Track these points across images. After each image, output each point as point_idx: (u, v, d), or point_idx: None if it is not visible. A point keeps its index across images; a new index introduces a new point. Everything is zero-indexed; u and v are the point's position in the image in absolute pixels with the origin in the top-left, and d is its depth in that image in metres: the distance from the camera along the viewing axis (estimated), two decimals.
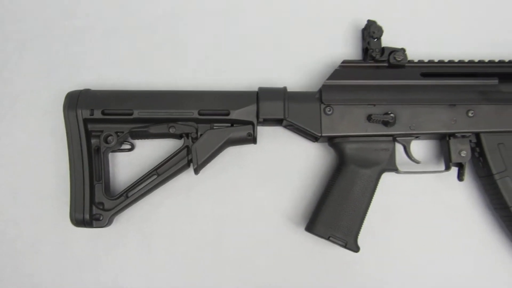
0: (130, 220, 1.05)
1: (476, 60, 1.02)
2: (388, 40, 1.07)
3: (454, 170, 1.02)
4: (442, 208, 1.06)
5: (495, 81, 1.01)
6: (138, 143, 1.06)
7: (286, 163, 1.07)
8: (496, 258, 1.04)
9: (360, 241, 1.01)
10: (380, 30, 1.02)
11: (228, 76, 1.10)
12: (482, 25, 1.13)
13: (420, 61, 1.03)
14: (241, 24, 1.12)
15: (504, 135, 1.00)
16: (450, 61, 1.02)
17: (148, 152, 1.06)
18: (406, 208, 1.06)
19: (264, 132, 1.07)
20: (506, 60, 1.03)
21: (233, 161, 1.07)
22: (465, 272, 1.04)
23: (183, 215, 1.05)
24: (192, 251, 1.04)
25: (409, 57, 1.03)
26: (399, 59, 1.01)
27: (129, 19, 1.11)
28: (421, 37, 1.12)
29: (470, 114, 0.99)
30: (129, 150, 1.05)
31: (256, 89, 1.00)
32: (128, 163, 1.06)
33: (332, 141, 1.01)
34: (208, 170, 1.05)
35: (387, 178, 1.05)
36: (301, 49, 1.11)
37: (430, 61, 1.03)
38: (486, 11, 1.13)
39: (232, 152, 1.06)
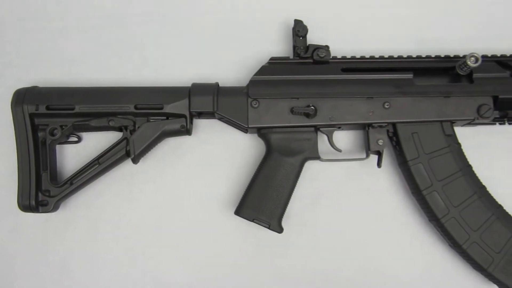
0: (77, 206, 1.14)
1: (394, 56, 1.11)
2: (318, 38, 1.17)
3: (375, 158, 1.11)
4: (366, 193, 1.15)
5: (410, 76, 1.09)
6: (85, 136, 1.16)
7: (221, 153, 1.16)
8: (414, 236, 1.13)
9: (290, 224, 1.11)
10: (304, 29, 1.10)
11: (169, 73, 1.18)
12: (401, 24, 1.21)
13: (343, 58, 1.11)
14: (181, 24, 1.20)
15: (418, 125, 1.08)
16: (370, 57, 1.10)
17: (94, 144, 1.15)
18: (333, 194, 1.15)
19: (202, 125, 1.16)
20: (422, 56, 1.11)
21: (172, 151, 1.16)
22: (387, 250, 1.13)
23: (126, 201, 1.14)
24: (134, 235, 1.13)
25: (338, 54, 1.12)
26: (322, 56, 1.10)
27: (76, 21, 1.20)
28: (348, 35, 1.20)
29: (386, 106, 1.08)
30: (76, 142, 1.14)
31: (190, 85, 1.09)
32: (76, 154, 1.15)
33: (260, 132, 1.09)
34: (150, 160, 1.15)
35: (315, 166, 1.15)
36: (238, 48, 1.19)
37: (352, 58, 1.11)
38: (405, 10, 1.21)
39: (171, 143, 1.15)
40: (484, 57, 1.09)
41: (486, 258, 1.04)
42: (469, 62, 1.03)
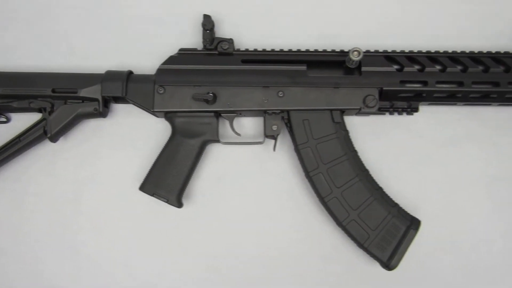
0: (5, 181, 1.26)
1: (290, 50, 1.21)
2: (231, 32, 1.28)
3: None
4: (266, 175, 1.25)
5: (303, 67, 1.19)
6: (14, 116, 1.28)
7: (137, 135, 1.27)
8: (308, 214, 1.24)
9: (196, 202, 1.23)
10: (211, 23, 1.20)
11: (94, 62, 1.29)
12: (304, 21, 1.31)
13: (246, 50, 1.21)
14: (104, 18, 1.31)
15: (309, 112, 1.18)
16: (269, 50, 1.21)
17: (22, 124, 1.26)
18: (236, 174, 1.25)
19: (120, 108, 1.28)
20: (317, 49, 1.21)
21: (92, 132, 1.27)
22: (282, 227, 1.23)
23: (49, 176, 1.26)
24: (55, 208, 1.25)
25: (249, 47, 1.24)
26: (225, 48, 1.20)
27: (11, 12, 1.32)
28: (257, 30, 1.30)
29: (280, 95, 1.18)
30: (5, 122, 1.26)
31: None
32: (5, 133, 1.27)
33: (166, 116, 1.20)
34: (72, 140, 1.27)
35: (221, 149, 1.26)
36: (156, 40, 1.29)
37: (253, 50, 1.21)
38: (311, 8, 1.32)
39: (92, 125, 1.27)
40: (374, 52, 1.20)
41: (363, 234, 1.14)
42: (351, 56, 1.13)
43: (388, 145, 1.26)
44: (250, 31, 1.31)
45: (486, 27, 1.31)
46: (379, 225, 1.14)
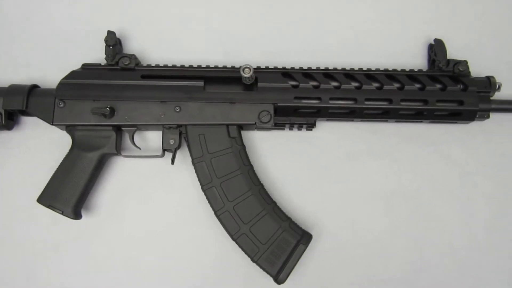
0: None
1: (190, 66, 1.23)
2: (145, 48, 1.32)
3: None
4: (169, 187, 1.27)
5: (200, 83, 1.21)
6: None
7: (43, 147, 1.29)
8: (209, 228, 1.24)
9: (100, 214, 1.25)
10: (113, 39, 1.23)
11: (5, 76, 1.32)
12: (210, 37, 1.35)
13: (147, 66, 1.24)
14: (15, 33, 1.35)
15: (205, 127, 1.20)
16: (169, 66, 1.23)
17: None
18: (141, 187, 1.27)
19: (29, 121, 1.30)
20: (217, 66, 1.23)
21: (2, 144, 1.29)
22: (183, 240, 1.25)
23: None
24: None
25: (156, 62, 1.27)
26: (126, 63, 1.23)
27: None
28: (166, 45, 1.34)
29: (176, 110, 1.20)
30: None
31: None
32: None
33: (67, 129, 1.22)
34: None
35: (126, 162, 1.28)
36: (66, 55, 1.33)
37: (156, 66, 1.24)
38: (217, 25, 1.35)
39: (2, 138, 1.29)
40: (272, 69, 1.22)
41: (253, 248, 1.15)
42: (242, 73, 1.15)
43: (290, 159, 1.28)
44: (158, 47, 1.34)
45: (389, 45, 1.33)
46: (270, 239, 1.15)
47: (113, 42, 1.24)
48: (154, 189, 1.27)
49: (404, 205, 1.26)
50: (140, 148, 1.25)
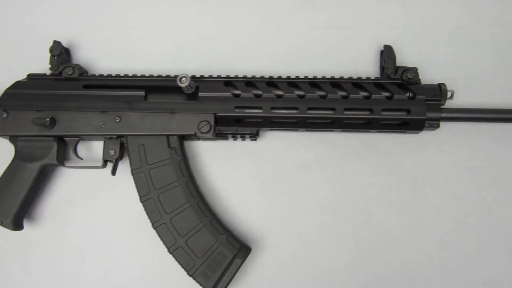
0: None
1: (130, 75, 1.22)
2: (91, 57, 1.31)
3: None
4: (114, 198, 1.26)
5: (141, 93, 1.20)
6: None
7: None
8: (150, 240, 1.20)
9: (45, 224, 1.24)
10: (57, 49, 1.23)
11: None
12: (160, 45, 1.33)
13: (91, 75, 1.24)
14: None
15: (145, 138, 1.18)
16: (112, 76, 1.22)
17: None
18: (86, 197, 1.26)
19: None
20: (161, 75, 1.22)
21: None
22: (123, 252, 1.23)
23: None
24: None
25: (106, 72, 1.26)
26: (69, 73, 1.22)
27: None
28: (114, 55, 1.33)
29: (117, 120, 1.19)
30: None
31: None
32: None
33: (11, 139, 1.23)
34: None
35: (70, 172, 1.27)
36: (19, 65, 1.32)
37: (100, 75, 1.23)
38: (167, 33, 1.34)
39: None
40: (215, 77, 1.20)
41: (188, 262, 1.13)
42: (179, 82, 1.13)
43: (236, 170, 1.25)
44: (107, 56, 1.33)
45: (340, 52, 1.29)
46: (206, 253, 1.13)
47: (57, 52, 1.24)
48: (98, 200, 1.26)
49: (352, 218, 1.21)
50: (82, 159, 1.24)
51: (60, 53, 1.24)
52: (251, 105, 1.17)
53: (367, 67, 1.28)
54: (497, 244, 1.18)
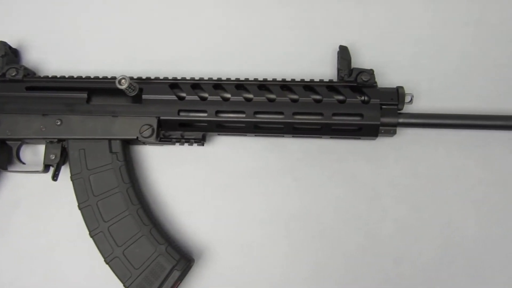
0: None
1: (73, 76, 1.17)
2: (40, 57, 1.28)
3: None
4: (59, 203, 1.20)
5: (84, 95, 1.15)
6: None
7: None
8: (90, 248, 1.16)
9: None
10: (1, 50, 1.19)
11: None
12: (114, 46, 1.28)
13: (36, 77, 1.19)
14: None
15: (86, 142, 1.13)
16: (56, 77, 1.18)
17: None
18: (31, 202, 1.22)
19: None
20: (106, 76, 1.17)
21: None
22: (69, 259, 1.18)
23: None
24: None
25: (56, 73, 1.22)
26: (13, 75, 1.18)
27: None
28: (66, 56, 1.29)
29: (57, 123, 1.14)
30: None
31: None
32: None
33: None
34: None
35: (17, 177, 1.22)
36: None
37: (44, 77, 1.19)
38: (121, 34, 1.29)
39: None
40: (161, 79, 1.15)
41: (125, 273, 1.07)
42: (117, 84, 1.08)
43: (185, 176, 1.19)
44: (58, 57, 1.29)
45: (297, 53, 1.22)
46: (143, 264, 1.07)
47: (2, 53, 1.20)
48: (42, 205, 1.21)
49: (305, 229, 1.14)
50: (24, 163, 1.20)
51: (5, 54, 1.20)
52: (196, 109, 1.11)
53: (325, 68, 1.20)
54: (457, 260, 1.09)
